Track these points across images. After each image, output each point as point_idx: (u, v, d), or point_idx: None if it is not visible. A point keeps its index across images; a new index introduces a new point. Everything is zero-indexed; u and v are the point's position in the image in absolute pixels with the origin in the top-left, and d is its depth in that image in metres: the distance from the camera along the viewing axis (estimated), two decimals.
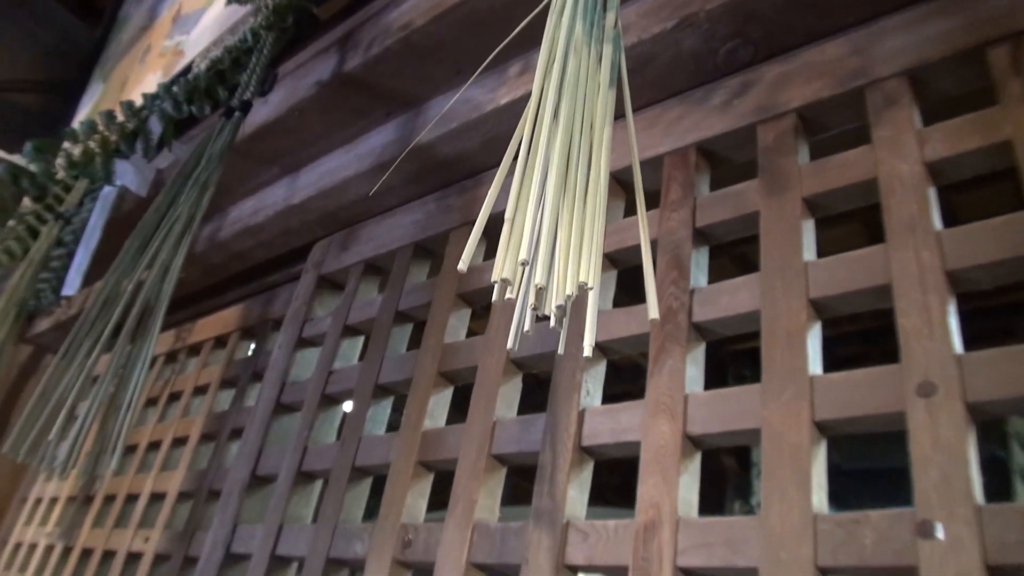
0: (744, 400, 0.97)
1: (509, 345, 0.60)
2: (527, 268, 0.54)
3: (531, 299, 0.55)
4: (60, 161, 1.78)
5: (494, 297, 0.56)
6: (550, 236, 0.54)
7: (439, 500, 1.23)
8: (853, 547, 0.81)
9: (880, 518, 0.81)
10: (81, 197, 2.00)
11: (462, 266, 0.55)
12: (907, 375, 0.86)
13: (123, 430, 1.13)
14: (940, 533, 0.77)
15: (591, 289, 0.53)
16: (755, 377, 0.98)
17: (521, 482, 1.44)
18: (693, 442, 1.00)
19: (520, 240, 0.54)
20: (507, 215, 0.57)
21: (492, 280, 0.54)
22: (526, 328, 0.57)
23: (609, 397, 1.13)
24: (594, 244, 0.54)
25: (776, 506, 0.87)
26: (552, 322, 0.55)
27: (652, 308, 0.54)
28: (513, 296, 0.55)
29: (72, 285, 1.54)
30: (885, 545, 0.79)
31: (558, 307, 0.53)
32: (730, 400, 0.98)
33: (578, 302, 1.15)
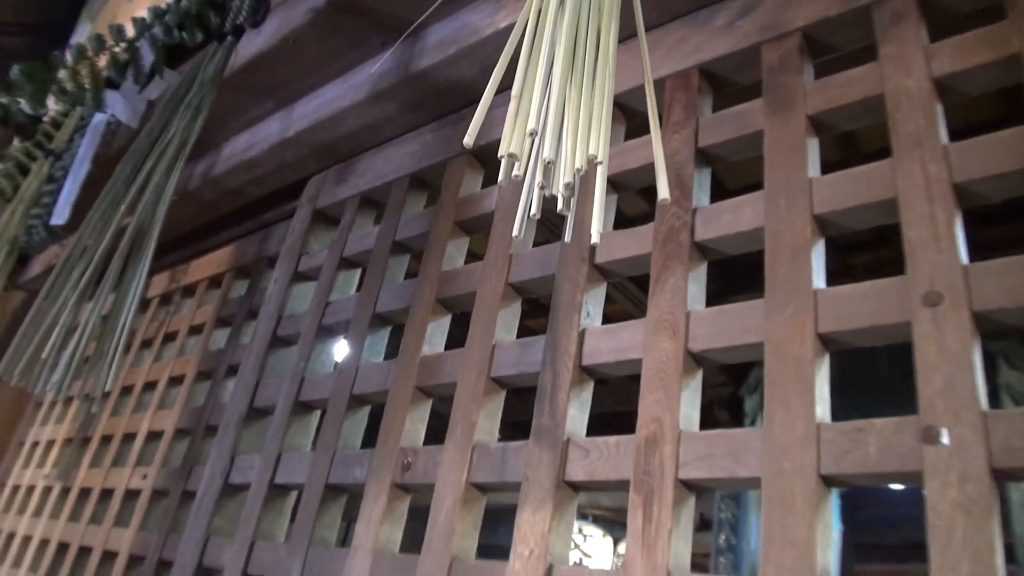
0: (747, 315, 0.96)
1: (515, 233, 0.59)
2: (535, 140, 0.52)
3: (538, 177, 0.53)
4: (52, 90, 1.75)
5: (500, 177, 0.55)
6: (559, 110, 0.52)
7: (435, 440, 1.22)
8: (857, 455, 0.81)
9: (884, 425, 0.81)
10: (71, 133, 1.97)
11: (468, 140, 0.53)
12: (913, 286, 0.85)
13: (118, 350, 1.12)
14: (945, 439, 0.77)
15: (600, 163, 0.51)
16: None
17: (513, 432, 1.44)
18: (695, 358, 0.99)
19: (528, 113, 0.52)
20: (514, 92, 0.55)
21: (499, 155, 0.52)
22: (532, 212, 0.55)
23: None
24: (603, 118, 0.52)
25: (779, 417, 0.87)
26: (560, 205, 0.54)
27: (662, 189, 0.53)
28: (520, 174, 0.54)
29: (61, 214, 1.52)
30: (889, 452, 0.79)
31: (566, 185, 0.52)
32: (732, 316, 0.97)
33: (580, 218, 1.14)
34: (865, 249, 4.40)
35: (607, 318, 1.13)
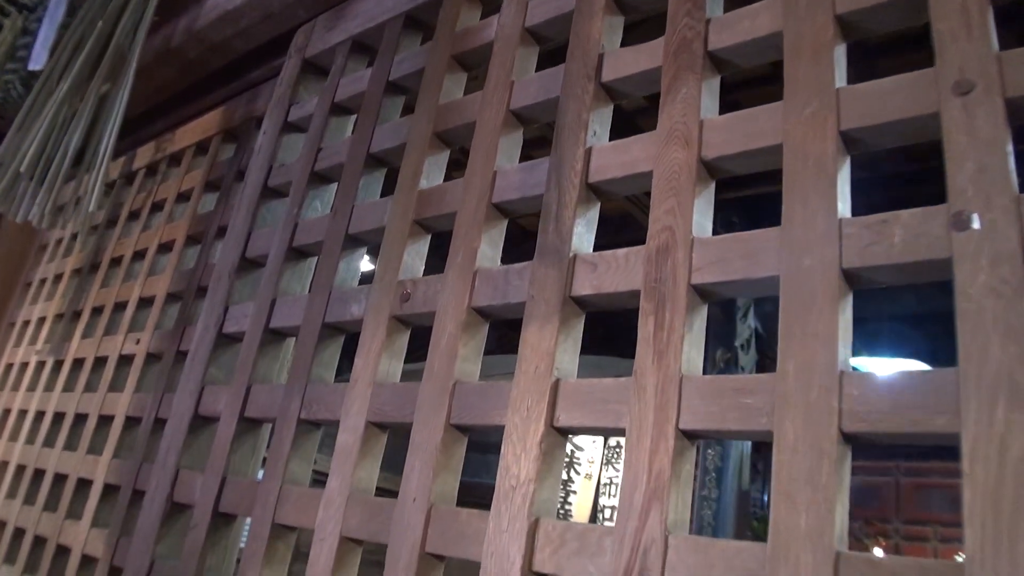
0: (764, 120, 0.91)
1: None
2: None
3: None
4: None
5: None
6: None
7: None
8: (881, 247, 0.77)
9: (911, 216, 0.77)
10: None
11: None
12: (942, 76, 0.80)
13: (102, 169, 1.07)
14: (976, 223, 0.73)
15: None
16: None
17: (507, 331, 1.38)
18: (708, 168, 0.94)
19: None
20: None
21: None
22: None
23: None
24: None
25: (799, 215, 0.83)
26: None
27: None
28: None
29: (39, 59, 1.44)
30: (916, 241, 0.75)
31: None
32: (749, 121, 0.92)
33: (584, 32, 1.07)
34: None
35: (603, 217, 1.05)
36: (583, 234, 1.01)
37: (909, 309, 6.22)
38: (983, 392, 0.66)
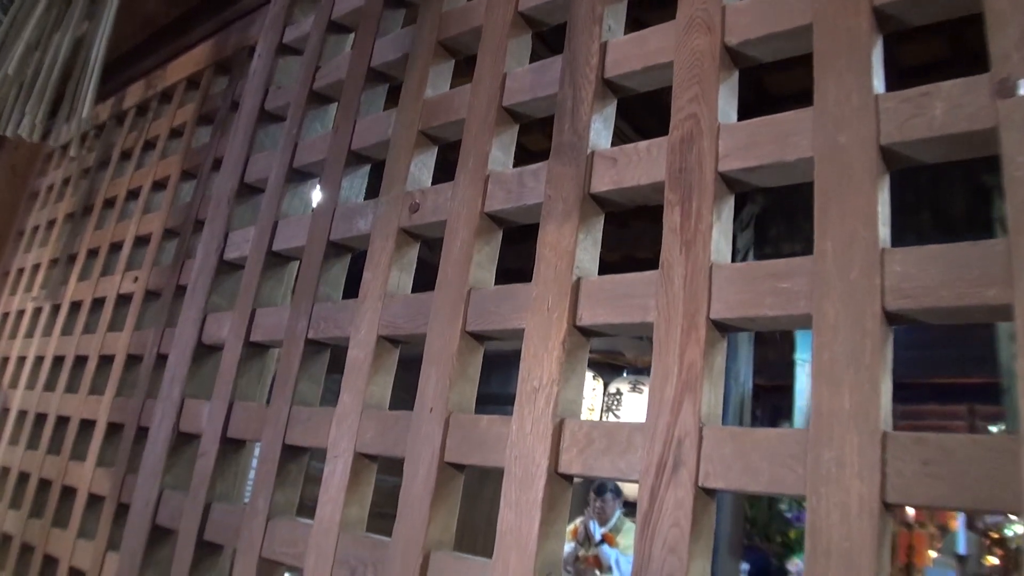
0: (791, 0, 0.86)
1: None
2: None
3: None
4: None
5: None
6: None
7: None
8: (921, 120, 0.73)
9: (951, 87, 0.73)
10: None
11: None
12: None
13: (94, 75, 1.02)
14: (1023, 89, 0.69)
15: None
16: None
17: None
18: (732, 54, 0.90)
19: None
20: None
21: None
22: None
23: None
24: None
25: (832, 94, 0.78)
26: None
27: None
28: None
29: None
30: (957, 112, 0.71)
31: None
32: (775, 3, 0.87)
33: None
34: None
35: None
36: (601, 130, 0.97)
37: None
38: None
